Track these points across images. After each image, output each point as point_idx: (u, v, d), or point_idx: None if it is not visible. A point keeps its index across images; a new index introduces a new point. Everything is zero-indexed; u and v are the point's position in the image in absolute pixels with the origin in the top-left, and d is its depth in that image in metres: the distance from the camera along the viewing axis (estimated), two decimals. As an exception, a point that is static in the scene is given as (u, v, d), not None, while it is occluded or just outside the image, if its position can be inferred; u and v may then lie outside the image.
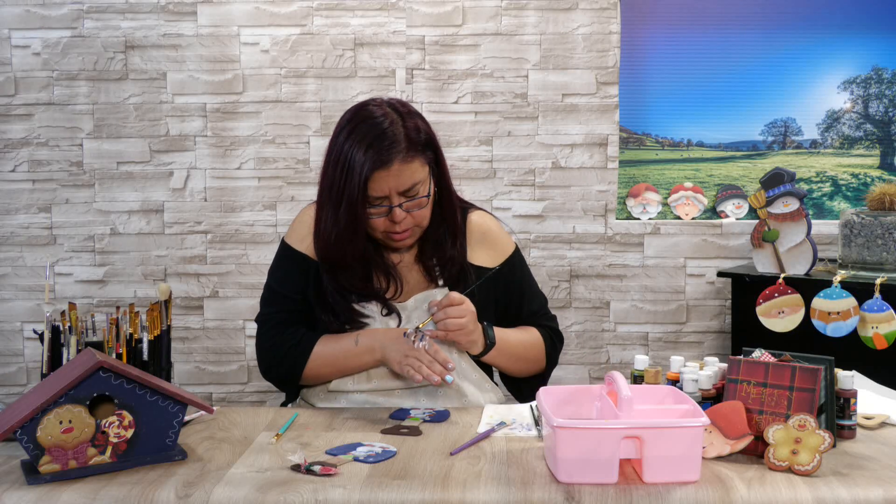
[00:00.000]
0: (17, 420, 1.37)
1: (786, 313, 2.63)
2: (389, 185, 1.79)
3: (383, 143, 1.77)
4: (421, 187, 1.83)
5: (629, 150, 3.32)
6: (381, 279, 1.93)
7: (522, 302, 2.03)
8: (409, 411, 1.78)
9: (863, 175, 3.29)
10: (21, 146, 3.26)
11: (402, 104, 1.87)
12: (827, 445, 1.39)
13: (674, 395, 1.53)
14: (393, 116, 1.81)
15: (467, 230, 1.99)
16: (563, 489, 1.34)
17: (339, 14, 3.23)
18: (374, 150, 1.77)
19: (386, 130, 1.78)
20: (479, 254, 1.99)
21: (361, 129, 1.80)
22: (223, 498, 1.33)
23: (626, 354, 3.31)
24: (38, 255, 3.29)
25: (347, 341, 1.88)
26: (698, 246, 3.29)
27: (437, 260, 1.94)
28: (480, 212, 2.05)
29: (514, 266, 2.02)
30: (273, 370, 1.96)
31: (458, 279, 1.94)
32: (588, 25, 3.22)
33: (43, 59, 3.23)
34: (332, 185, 1.82)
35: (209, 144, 3.26)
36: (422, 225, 1.89)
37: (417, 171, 1.82)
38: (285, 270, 1.98)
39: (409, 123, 1.82)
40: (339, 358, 1.88)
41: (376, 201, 1.82)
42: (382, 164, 1.77)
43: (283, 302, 1.96)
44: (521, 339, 1.98)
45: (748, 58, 3.27)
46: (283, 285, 1.97)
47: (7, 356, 3.33)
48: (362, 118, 1.82)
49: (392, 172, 1.78)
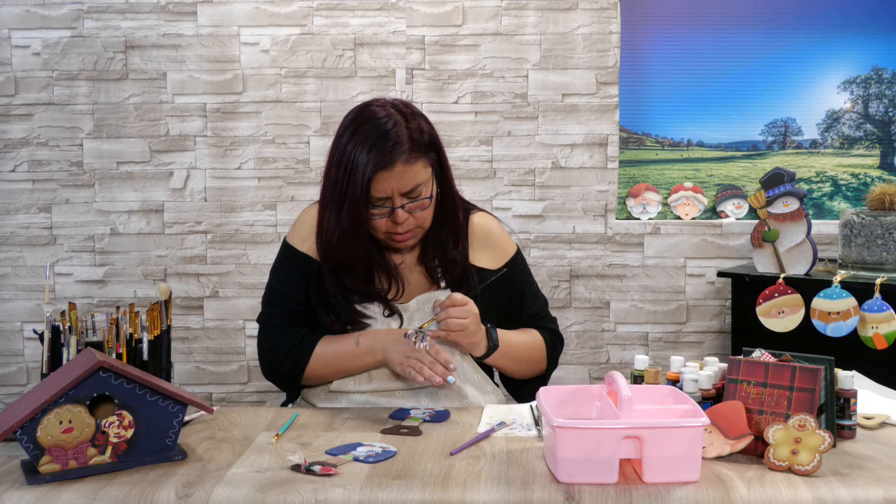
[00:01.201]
0: (17, 420, 1.37)
1: (786, 313, 2.63)
2: (392, 186, 1.79)
3: (386, 144, 1.77)
4: (423, 188, 1.83)
5: (629, 150, 3.32)
6: (382, 280, 1.93)
7: (523, 303, 2.03)
8: (410, 411, 1.77)
9: (863, 175, 3.29)
10: (21, 146, 3.26)
11: (405, 105, 1.87)
12: (827, 445, 1.39)
13: (674, 395, 1.53)
14: (396, 117, 1.81)
15: (469, 231, 1.99)
16: (563, 489, 1.34)
17: (339, 14, 3.23)
18: (377, 151, 1.76)
19: (389, 131, 1.78)
20: (481, 255, 1.99)
21: (364, 130, 1.79)
22: (223, 498, 1.33)
23: (626, 354, 3.31)
24: (38, 255, 3.29)
25: (349, 342, 1.88)
26: (698, 246, 3.29)
27: (438, 261, 1.94)
28: (483, 213, 2.05)
29: (516, 267, 2.02)
30: (275, 370, 1.96)
31: (460, 281, 1.94)
32: (588, 25, 3.22)
33: (43, 59, 3.23)
34: (335, 185, 1.82)
35: (209, 144, 3.26)
36: (424, 226, 1.89)
37: (420, 173, 1.81)
38: (287, 271, 1.98)
39: (413, 124, 1.82)
40: (341, 359, 1.88)
41: (379, 202, 1.81)
42: (385, 165, 1.77)
43: (284, 302, 1.96)
44: (524, 341, 1.98)
45: (748, 58, 3.27)
46: (284, 286, 1.96)
47: (7, 356, 3.33)
48: (365, 119, 1.81)
49: (395, 173, 1.78)
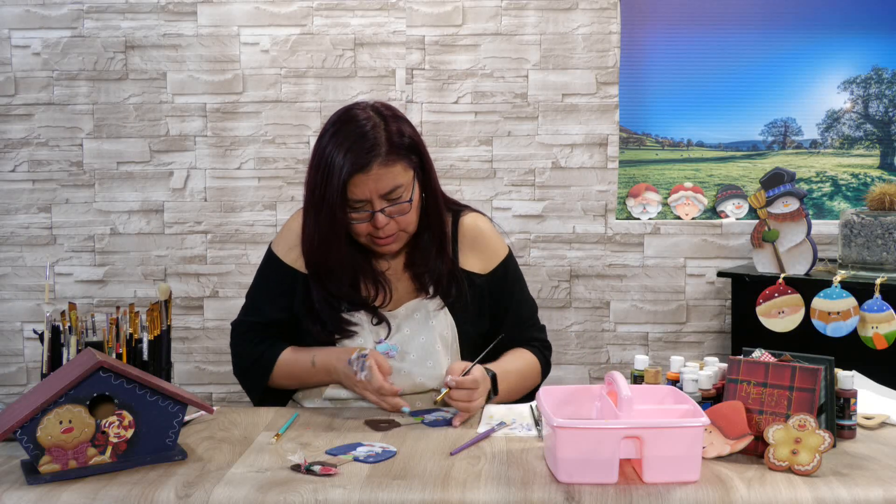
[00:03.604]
0: (17, 420, 1.37)
1: (786, 313, 2.63)
2: (369, 188, 1.77)
3: (363, 146, 1.75)
4: (403, 191, 1.80)
5: (629, 150, 3.31)
6: (369, 287, 1.91)
7: (511, 308, 1.99)
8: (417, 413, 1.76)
9: (863, 175, 3.29)
10: (21, 146, 3.26)
11: (387, 108, 1.85)
12: (827, 445, 1.39)
13: (674, 395, 1.53)
14: (375, 120, 1.80)
15: (459, 234, 1.96)
16: (563, 489, 1.34)
17: (339, 14, 3.23)
18: (353, 154, 1.75)
19: (367, 133, 1.77)
20: (471, 259, 1.96)
21: (343, 132, 1.78)
22: (223, 498, 1.33)
23: (626, 354, 3.31)
24: (38, 255, 3.29)
25: (305, 360, 1.88)
26: (698, 246, 3.29)
27: (425, 269, 1.91)
28: (473, 214, 2.01)
29: (507, 271, 1.99)
30: (241, 380, 1.99)
31: (448, 288, 1.91)
32: (588, 25, 3.22)
33: (43, 59, 3.23)
34: (314, 189, 1.81)
35: (209, 144, 3.26)
36: (408, 230, 1.86)
37: (399, 175, 1.79)
38: (267, 282, 1.98)
39: (393, 127, 1.80)
40: (302, 377, 1.90)
41: (357, 205, 1.79)
42: (361, 167, 1.75)
43: (257, 314, 1.96)
44: (519, 370, 1.94)
45: (748, 58, 3.27)
46: (262, 296, 1.97)
47: (7, 356, 3.33)
48: (344, 122, 1.81)
49: (371, 176, 1.76)
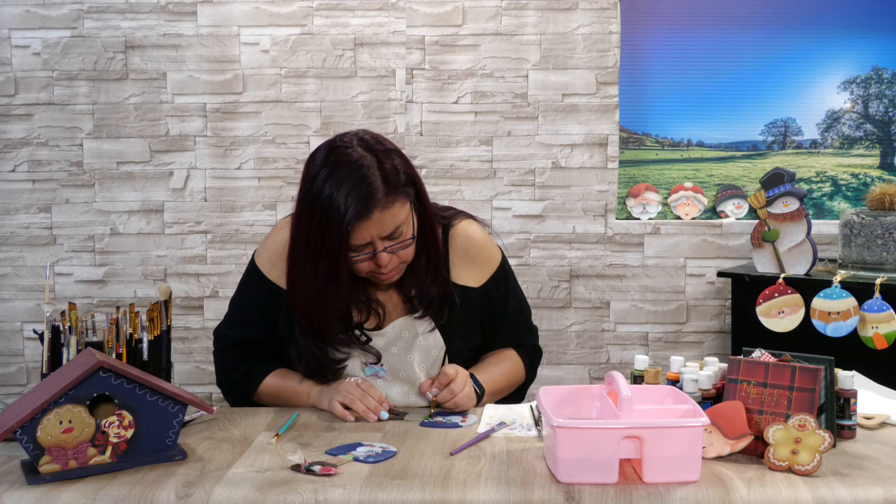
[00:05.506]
0: (17, 420, 1.37)
1: (786, 313, 2.63)
2: (371, 232, 1.71)
3: (360, 192, 1.68)
4: (405, 228, 1.75)
5: (629, 150, 3.31)
6: (361, 312, 1.87)
7: (505, 315, 1.98)
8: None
9: (863, 175, 3.29)
10: (21, 146, 3.26)
11: (375, 140, 1.76)
12: (827, 445, 1.39)
13: (674, 395, 1.53)
14: (368, 159, 1.70)
15: (450, 245, 1.91)
16: (563, 489, 1.34)
17: (339, 14, 3.23)
18: (352, 201, 1.67)
19: (364, 177, 1.69)
20: (464, 272, 1.92)
21: (336, 177, 1.69)
22: (223, 498, 1.33)
23: (626, 354, 3.31)
24: (38, 255, 3.29)
25: (289, 387, 1.88)
26: (698, 246, 3.29)
27: (416, 292, 1.87)
28: (464, 222, 1.95)
29: (499, 281, 1.96)
30: (223, 392, 1.99)
31: (440, 311, 1.87)
32: (588, 25, 3.22)
33: (43, 59, 3.23)
34: (310, 238, 1.73)
35: (209, 144, 3.26)
36: (407, 261, 1.81)
37: (399, 214, 1.73)
38: (249, 299, 1.94)
39: (387, 165, 1.71)
40: (286, 401, 1.88)
41: (359, 248, 1.74)
42: (362, 215, 1.68)
43: (239, 329, 1.94)
44: (504, 373, 1.95)
45: (748, 58, 3.27)
46: (244, 314, 1.94)
47: (7, 356, 3.33)
48: (335, 164, 1.71)
49: (373, 221, 1.70)
